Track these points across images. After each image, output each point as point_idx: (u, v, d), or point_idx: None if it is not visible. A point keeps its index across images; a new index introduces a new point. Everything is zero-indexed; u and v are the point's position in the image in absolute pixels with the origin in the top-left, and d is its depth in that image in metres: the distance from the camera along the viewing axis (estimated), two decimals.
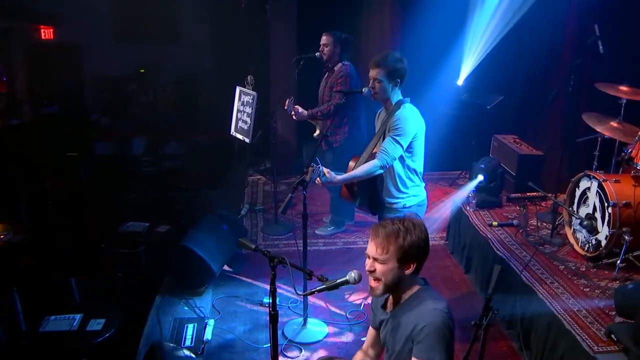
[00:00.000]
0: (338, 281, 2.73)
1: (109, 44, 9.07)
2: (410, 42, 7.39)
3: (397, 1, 7.58)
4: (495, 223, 5.45)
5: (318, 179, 3.93)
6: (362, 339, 4.47)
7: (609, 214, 4.46)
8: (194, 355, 4.02)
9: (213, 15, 9.25)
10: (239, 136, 6.41)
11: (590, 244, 4.72)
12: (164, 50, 9.21)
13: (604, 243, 4.53)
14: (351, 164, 4.28)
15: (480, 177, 5.93)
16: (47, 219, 6.33)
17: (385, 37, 7.58)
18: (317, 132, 6.00)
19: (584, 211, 4.82)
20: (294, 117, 5.79)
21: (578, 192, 4.92)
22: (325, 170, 3.94)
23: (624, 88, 4.97)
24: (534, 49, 6.76)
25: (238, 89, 6.45)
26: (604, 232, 4.54)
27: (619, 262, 4.42)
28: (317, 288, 2.77)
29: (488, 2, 6.99)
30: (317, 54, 5.75)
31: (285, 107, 5.74)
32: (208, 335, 4.46)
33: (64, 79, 9.28)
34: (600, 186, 4.60)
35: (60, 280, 4.69)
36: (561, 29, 6.20)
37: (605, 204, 4.51)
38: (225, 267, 5.38)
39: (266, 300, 4.94)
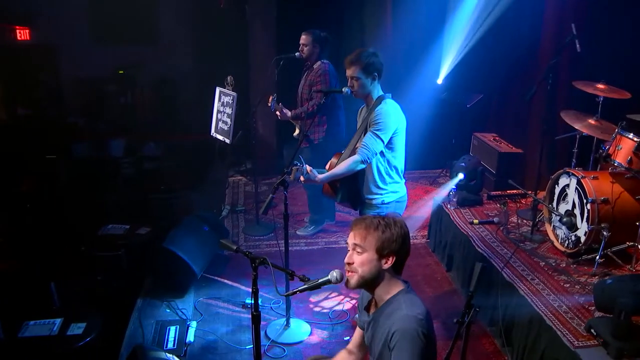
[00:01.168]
0: (320, 281, 2.72)
1: (87, 45, 8.99)
2: (390, 41, 7.42)
3: (376, 1, 7.60)
4: (476, 221, 5.49)
5: (302, 177, 3.93)
6: (345, 339, 4.48)
7: (588, 210, 4.51)
8: (176, 358, 3.99)
9: (192, 16, 9.21)
10: (219, 137, 6.38)
11: (570, 241, 4.76)
12: (142, 51, 9.15)
13: (583, 239, 4.58)
14: (333, 160, 4.29)
15: (461, 175, 5.96)
16: (25, 222, 6.25)
17: (365, 36, 7.60)
18: (297, 131, 6.00)
19: (563, 208, 4.87)
20: (278, 116, 5.79)
21: (557, 189, 4.97)
22: (308, 168, 3.95)
23: (600, 86, 5.03)
24: (512, 47, 6.81)
25: (218, 90, 6.42)
26: (583, 228, 4.59)
27: (598, 257, 4.47)
28: (299, 288, 2.76)
29: (467, 1, 7.03)
30: (297, 53, 5.74)
31: (269, 104, 5.72)
32: (190, 337, 4.43)
33: (42, 80, 9.17)
34: (579, 183, 4.65)
35: (40, 284, 4.63)
36: (539, 28, 6.25)
37: (584, 201, 4.56)
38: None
39: (248, 301, 4.93)
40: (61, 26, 8.74)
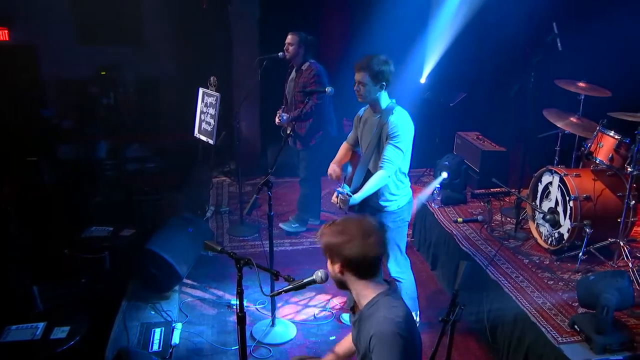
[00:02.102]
0: (305, 281, 2.72)
1: (69, 46, 8.91)
2: (373, 40, 7.42)
3: (358, 0, 7.61)
4: (460, 219, 5.51)
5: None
6: (330, 338, 4.49)
7: (571, 207, 4.55)
8: None
9: (174, 16, 9.16)
10: (203, 138, 6.36)
11: (553, 238, 4.80)
12: (125, 51, 9.09)
13: (566, 236, 4.62)
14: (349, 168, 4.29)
15: (445, 174, 5.98)
16: (6, 225, 6.18)
17: (347, 36, 7.60)
18: (289, 130, 6.01)
19: (546, 205, 4.91)
20: (277, 122, 5.84)
21: (540, 187, 5.00)
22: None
23: (582, 84, 5.08)
24: (495, 46, 6.85)
25: (201, 90, 6.40)
26: (566, 225, 4.63)
27: (580, 254, 4.51)
28: (284, 288, 2.76)
29: (449, 0, 7.05)
30: (280, 54, 5.75)
31: (278, 119, 5.83)
32: (176, 339, 4.40)
33: (24, 81, 9.07)
34: (561, 180, 4.69)
35: (22, 288, 4.58)
36: (522, 27, 6.29)
37: (567, 198, 4.60)
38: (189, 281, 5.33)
39: (233, 302, 4.91)
40: (42, 27, 8.67)
